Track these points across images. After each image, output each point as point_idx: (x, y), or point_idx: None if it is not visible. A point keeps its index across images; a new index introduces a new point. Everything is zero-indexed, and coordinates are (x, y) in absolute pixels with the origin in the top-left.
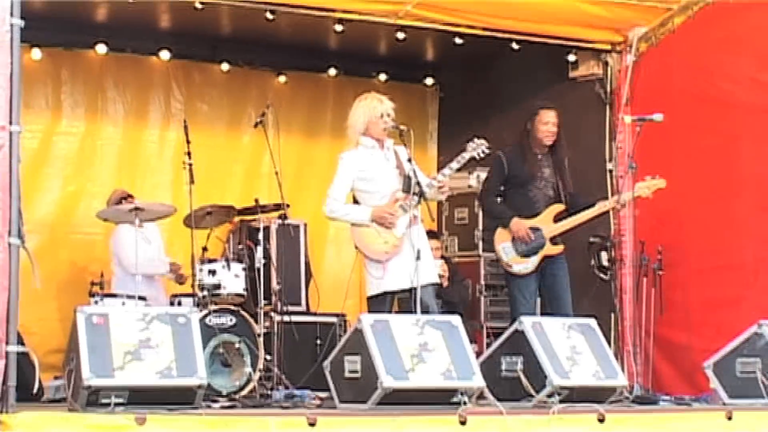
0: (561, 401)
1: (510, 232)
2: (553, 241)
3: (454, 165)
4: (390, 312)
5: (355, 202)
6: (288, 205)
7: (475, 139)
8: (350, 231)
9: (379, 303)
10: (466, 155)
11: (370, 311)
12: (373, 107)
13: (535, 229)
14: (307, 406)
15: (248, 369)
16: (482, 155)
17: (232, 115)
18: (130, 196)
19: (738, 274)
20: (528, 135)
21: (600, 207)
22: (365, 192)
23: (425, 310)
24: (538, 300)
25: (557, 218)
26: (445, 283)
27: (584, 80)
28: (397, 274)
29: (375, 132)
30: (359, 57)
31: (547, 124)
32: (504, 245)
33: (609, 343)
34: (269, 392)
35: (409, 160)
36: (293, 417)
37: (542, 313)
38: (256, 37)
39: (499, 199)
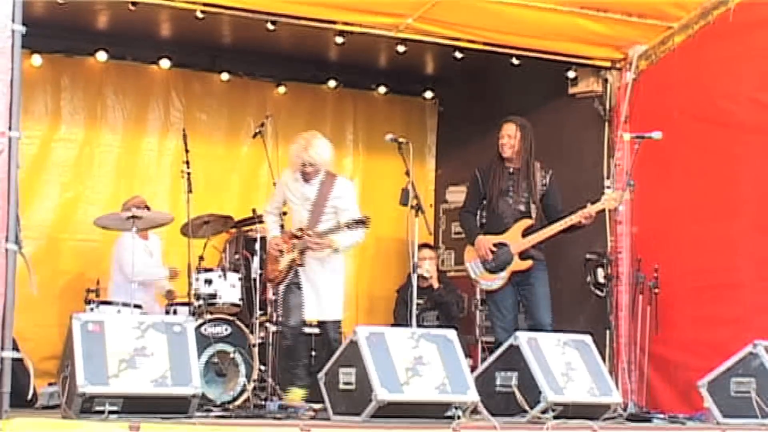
0: (555, 417)
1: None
2: (522, 255)
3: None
4: None
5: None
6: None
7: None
8: None
9: None
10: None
11: None
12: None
13: (501, 245)
14: (301, 417)
15: (242, 379)
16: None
17: (231, 125)
18: (148, 207)
19: (734, 293)
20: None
21: (567, 221)
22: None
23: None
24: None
25: (525, 233)
26: (435, 285)
27: (583, 97)
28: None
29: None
30: (359, 69)
31: (503, 137)
32: (473, 263)
33: (604, 359)
34: (263, 403)
35: (407, 173)
36: (287, 428)
37: (527, 327)
38: (256, 48)
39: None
